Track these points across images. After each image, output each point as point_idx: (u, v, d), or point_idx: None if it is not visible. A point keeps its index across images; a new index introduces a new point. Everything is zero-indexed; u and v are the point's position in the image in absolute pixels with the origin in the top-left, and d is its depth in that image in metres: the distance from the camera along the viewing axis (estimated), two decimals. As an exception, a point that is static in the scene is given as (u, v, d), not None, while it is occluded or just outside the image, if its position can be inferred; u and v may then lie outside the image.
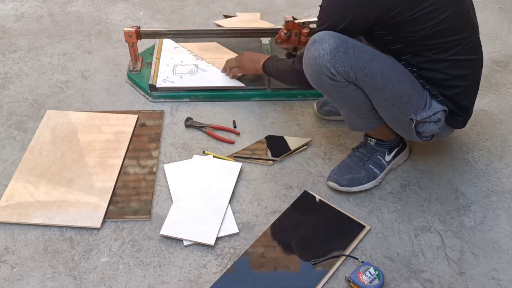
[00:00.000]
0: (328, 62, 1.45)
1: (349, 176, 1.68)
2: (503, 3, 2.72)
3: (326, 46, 1.44)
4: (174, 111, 2.00)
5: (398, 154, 1.74)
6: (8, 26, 2.51)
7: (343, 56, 1.44)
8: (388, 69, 1.49)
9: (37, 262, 1.49)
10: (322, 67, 1.46)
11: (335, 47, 1.44)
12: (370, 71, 1.46)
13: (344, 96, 1.54)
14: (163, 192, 1.69)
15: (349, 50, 1.45)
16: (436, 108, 1.54)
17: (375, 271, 1.41)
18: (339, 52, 1.44)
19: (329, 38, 1.45)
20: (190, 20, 2.57)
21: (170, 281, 1.45)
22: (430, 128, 1.56)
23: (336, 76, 1.47)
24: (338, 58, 1.44)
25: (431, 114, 1.53)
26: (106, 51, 2.34)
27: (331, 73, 1.46)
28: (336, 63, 1.45)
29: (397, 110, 1.52)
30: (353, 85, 1.50)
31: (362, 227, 1.57)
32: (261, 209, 1.64)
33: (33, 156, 1.79)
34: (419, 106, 1.53)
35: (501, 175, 1.76)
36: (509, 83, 2.17)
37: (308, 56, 1.50)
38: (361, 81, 1.48)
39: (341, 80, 1.48)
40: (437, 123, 1.55)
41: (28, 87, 2.13)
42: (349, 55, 1.45)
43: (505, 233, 1.58)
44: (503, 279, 1.46)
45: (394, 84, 1.48)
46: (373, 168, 1.69)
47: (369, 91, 1.51)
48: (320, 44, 1.46)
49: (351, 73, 1.46)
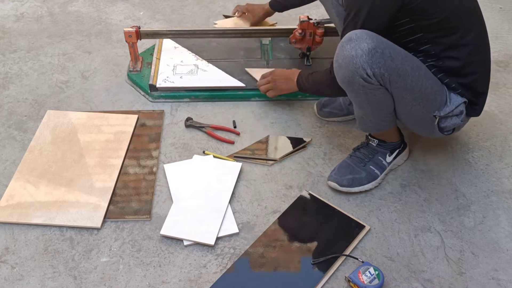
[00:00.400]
0: (366, 63, 1.40)
1: (350, 176, 1.67)
2: (503, 3, 2.72)
3: (365, 45, 1.39)
4: (174, 111, 2.01)
5: (399, 154, 1.74)
6: (8, 26, 2.51)
7: (381, 57, 1.40)
8: (417, 67, 1.48)
9: (37, 262, 1.49)
10: (358, 67, 1.41)
11: (374, 47, 1.39)
12: (402, 72, 1.44)
13: (372, 98, 1.50)
14: (163, 192, 1.69)
15: (385, 50, 1.41)
16: (457, 102, 1.55)
17: (375, 271, 1.41)
18: (377, 53, 1.40)
19: (367, 38, 1.40)
20: (190, 20, 2.57)
21: (170, 281, 1.45)
22: (453, 122, 1.57)
23: (371, 78, 1.42)
24: (376, 59, 1.40)
25: (453, 108, 1.54)
26: (106, 51, 2.35)
27: (367, 74, 1.41)
28: (374, 64, 1.40)
29: (423, 108, 1.53)
30: (384, 89, 1.48)
31: (362, 227, 1.57)
32: (261, 209, 1.64)
33: (33, 156, 1.79)
34: (442, 102, 1.54)
35: (501, 175, 1.76)
36: (509, 83, 2.17)
37: (343, 55, 1.43)
38: (394, 82, 1.45)
39: (375, 82, 1.44)
40: (459, 116, 1.56)
41: (28, 87, 2.13)
42: (386, 56, 1.41)
43: (505, 233, 1.58)
44: (503, 279, 1.46)
45: (422, 82, 1.48)
46: (374, 169, 1.70)
47: (400, 92, 1.49)
48: (358, 43, 1.40)
49: (385, 74, 1.42)
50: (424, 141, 1.85)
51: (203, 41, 2.28)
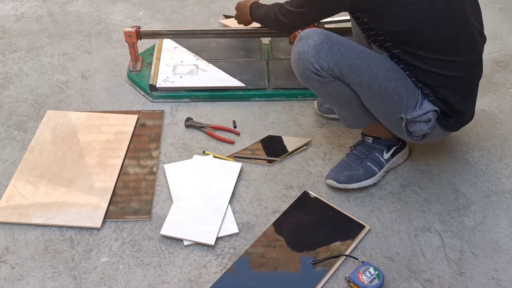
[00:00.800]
0: (312, 58, 1.47)
1: (347, 173, 1.68)
2: (503, 3, 2.72)
3: (311, 42, 1.47)
4: (174, 111, 2.01)
5: (397, 153, 1.74)
6: (8, 26, 2.51)
7: (328, 52, 1.47)
8: (376, 66, 1.49)
9: (37, 262, 1.49)
10: (306, 62, 1.49)
11: (319, 43, 1.47)
12: (356, 68, 1.47)
13: (331, 92, 1.55)
14: (163, 192, 1.69)
15: (334, 46, 1.47)
16: (426, 108, 1.52)
17: (375, 271, 1.41)
18: (323, 49, 1.47)
19: (314, 35, 1.48)
20: (190, 20, 2.57)
21: (170, 281, 1.45)
22: (421, 128, 1.55)
23: (321, 72, 1.49)
24: (322, 54, 1.47)
25: (421, 114, 1.52)
26: (106, 51, 2.35)
27: (315, 68, 1.48)
28: (320, 58, 1.47)
29: (386, 108, 1.53)
30: (339, 80, 1.51)
31: (362, 227, 1.57)
32: (261, 209, 1.64)
33: (33, 156, 1.79)
34: (410, 105, 1.52)
35: (501, 175, 1.76)
36: (509, 83, 2.17)
37: (294, 52, 1.53)
38: (347, 77, 1.49)
39: (326, 75, 1.50)
40: (427, 123, 1.54)
41: (28, 87, 2.13)
42: (334, 51, 1.47)
43: (505, 233, 1.58)
44: (503, 279, 1.46)
45: (381, 81, 1.48)
46: (372, 166, 1.70)
47: (356, 87, 1.52)
48: (305, 40, 1.49)
49: (335, 69, 1.48)
50: (417, 141, 1.85)
51: (203, 41, 2.27)
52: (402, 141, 1.75)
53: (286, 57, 2.20)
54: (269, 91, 2.06)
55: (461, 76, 1.52)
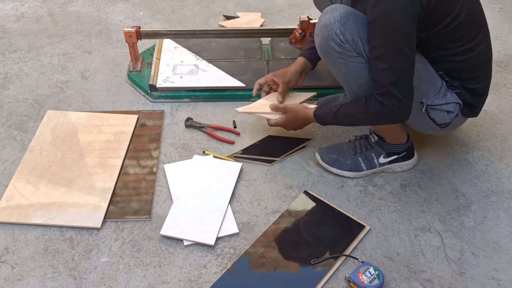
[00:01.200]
0: (338, 29, 1.47)
1: (335, 157, 1.71)
2: (503, 3, 2.72)
3: (337, 14, 1.47)
4: (174, 111, 2.01)
5: (398, 161, 1.73)
6: (8, 26, 2.51)
7: (354, 24, 1.47)
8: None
9: (37, 262, 1.49)
10: (332, 33, 1.48)
11: (346, 15, 1.47)
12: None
13: (352, 69, 1.52)
14: (163, 192, 1.69)
15: (359, 21, 1.47)
16: (449, 99, 1.55)
17: (375, 271, 1.41)
18: (349, 21, 1.47)
19: (341, 8, 1.49)
20: (190, 20, 2.57)
21: (170, 281, 1.45)
22: (442, 116, 1.57)
23: (345, 44, 1.48)
24: (348, 26, 1.46)
25: (443, 103, 1.54)
26: (106, 51, 2.35)
27: (340, 40, 1.47)
28: (346, 30, 1.46)
29: None
30: (361, 57, 1.50)
31: (362, 227, 1.57)
32: (261, 209, 1.64)
33: (33, 156, 1.79)
34: (431, 90, 1.54)
35: (501, 175, 1.76)
36: (510, 83, 2.17)
37: (319, 25, 1.51)
38: (370, 53, 1.47)
39: (350, 49, 1.48)
40: (449, 113, 1.56)
41: (28, 87, 2.13)
42: (359, 25, 1.47)
43: (505, 233, 1.58)
44: (503, 279, 1.46)
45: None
46: (361, 162, 1.71)
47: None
48: (331, 13, 1.49)
49: (359, 42, 1.47)
50: (424, 141, 1.85)
51: (203, 41, 2.28)
52: (407, 152, 1.73)
53: (286, 57, 2.20)
54: (269, 91, 2.05)
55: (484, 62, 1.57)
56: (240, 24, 2.50)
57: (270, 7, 2.67)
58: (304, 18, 2.03)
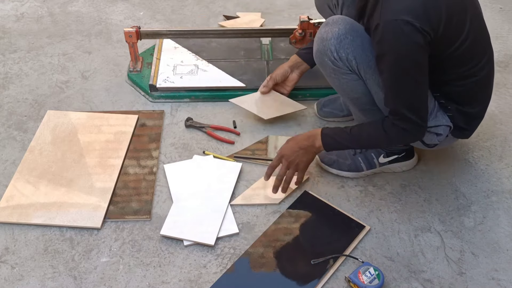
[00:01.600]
0: (333, 46, 1.46)
1: (334, 157, 1.70)
2: (503, 3, 2.72)
3: (335, 30, 1.46)
4: (174, 111, 2.01)
5: (398, 161, 1.72)
6: (8, 26, 2.51)
7: (350, 43, 1.45)
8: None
9: (37, 262, 1.49)
10: (327, 49, 1.48)
11: (344, 32, 1.45)
12: (374, 65, 1.45)
13: (344, 84, 1.54)
14: (163, 192, 1.69)
15: (357, 39, 1.45)
16: (440, 121, 1.51)
17: (375, 271, 1.41)
18: (346, 39, 1.45)
19: (341, 23, 1.46)
20: (190, 20, 2.57)
21: (170, 281, 1.45)
22: (430, 137, 1.54)
23: (338, 62, 1.48)
24: (344, 44, 1.45)
25: (433, 125, 1.51)
26: (106, 51, 2.35)
27: (334, 57, 1.48)
28: (341, 48, 1.46)
29: None
30: (355, 75, 1.50)
31: (362, 227, 1.57)
32: (261, 209, 1.64)
33: (33, 156, 1.79)
34: None
35: (501, 175, 1.76)
36: (510, 84, 2.17)
37: (318, 37, 1.52)
38: (364, 72, 1.48)
39: (343, 66, 1.49)
40: (438, 136, 1.53)
41: (28, 87, 2.13)
42: (356, 44, 1.45)
43: (505, 233, 1.58)
44: (503, 279, 1.46)
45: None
46: (361, 162, 1.70)
47: (371, 85, 1.50)
48: (331, 27, 1.47)
49: (353, 61, 1.46)
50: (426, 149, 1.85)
51: (203, 41, 2.27)
52: (408, 152, 1.72)
53: (286, 57, 2.19)
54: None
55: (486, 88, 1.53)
56: (240, 24, 2.50)
57: (270, 7, 2.67)
58: (304, 18, 2.03)
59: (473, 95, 1.52)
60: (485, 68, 1.49)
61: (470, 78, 1.48)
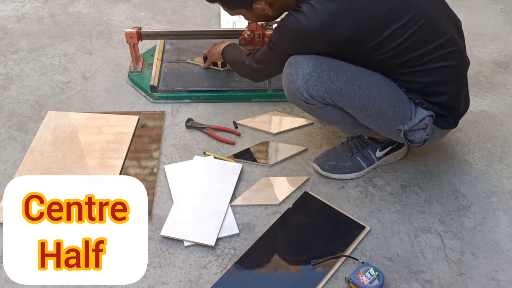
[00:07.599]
0: (301, 87, 1.46)
1: (334, 162, 1.70)
2: (504, 4, 2.72)
3: (300, 71, 1.45)
4: (175, 112, 2.01)
5: (392, 152, 1.74)
6: (9, 27, 2.52)
7: (317, 80, 1.44)
8: (367, 86, 1.46)
9: (38, 262, 1.49)
10: (295, 91, 1.48)
11: (308, 72, 1.44)
12: (347, 92, 1.45)
13: (322, 115, 1.56)
14: (164, 193, 1.69)
15: (323, 74, 1.44)
16: (421, 115, 1.51)
17: (375, 272, 1.41)
18: (312, 77, 1.44)
19: (303, 63, 1.45)
20: (191, 21, 2.58)
21: (170, 282, 1.45)
22: (419, 135, 1.54)
23: (310, 100, 1.48)
24: (311, 83, 1.44)
25: (417, 122, 1.50)
26: (107, 52, 2.35)
27: (305, 97, 1.47)
28: (310, 88, 1.45)
29: (382, 123, 1.52)
30: (330, 106, 1.50)
31: (362, 227, 1.58)
32: (261, 210, 1.64)
33: (34, 157, 1.79)
34: (406, 116, 1.50)
35: (501, 176, 1.76)
36: (510, 84, 2.17)
37: (284, 78, 1.51)
38: (338, 102, 1.48)
39: (316, 103, 1.49)
40: (425, 130, 1.52)
41: (29, 88, 2.14)
42: (323, 79, 1.44)
43: (505, 234, 1.58)
44: (503, 280, 1.46)
45: (375, 100, 1.46)
46: (360, 161, 1.71)
47: (349, 110, 1.51)
48: (294, 68, 1.46)
49: (325, 95, 1.46)
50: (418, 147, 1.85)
51: (204, 42, 2.28)
52: (399, 143, 1.74)
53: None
54: (270, 92, 2.06)
55: (449, 79, 1.50)
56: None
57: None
58: None
59: (436, 86, 1.49)
60: (446, 58, 1.46)
61: (427, 72, 1.46)
